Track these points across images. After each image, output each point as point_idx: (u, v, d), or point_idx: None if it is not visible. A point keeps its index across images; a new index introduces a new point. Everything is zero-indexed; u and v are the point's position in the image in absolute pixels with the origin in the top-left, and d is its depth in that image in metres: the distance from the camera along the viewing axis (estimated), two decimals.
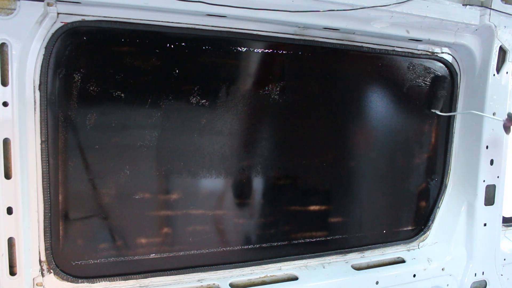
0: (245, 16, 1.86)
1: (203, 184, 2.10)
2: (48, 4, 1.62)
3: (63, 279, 1.86)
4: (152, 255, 2.04)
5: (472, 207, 2.54)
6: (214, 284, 2.12)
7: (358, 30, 2.12)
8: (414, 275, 2.49)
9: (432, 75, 2.48)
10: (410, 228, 2.67)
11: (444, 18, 2.12)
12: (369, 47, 2.27)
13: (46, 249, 1.81)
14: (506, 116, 2.26)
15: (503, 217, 2.70)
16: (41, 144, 1.73)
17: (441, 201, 2.67)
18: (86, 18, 1.72)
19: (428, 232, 2.68)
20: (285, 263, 2.32)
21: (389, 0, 1.95)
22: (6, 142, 1.64)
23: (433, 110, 2.47)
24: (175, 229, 2.10)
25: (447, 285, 2.58)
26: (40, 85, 1.69)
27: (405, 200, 2.65)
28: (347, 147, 2.44)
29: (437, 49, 2.44)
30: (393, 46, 2.33)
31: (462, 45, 2.35)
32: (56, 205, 1.81)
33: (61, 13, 1.67)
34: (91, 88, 1.79)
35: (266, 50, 2.09)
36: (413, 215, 2.67)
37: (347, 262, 2.45)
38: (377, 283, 2.38)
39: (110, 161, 1.90)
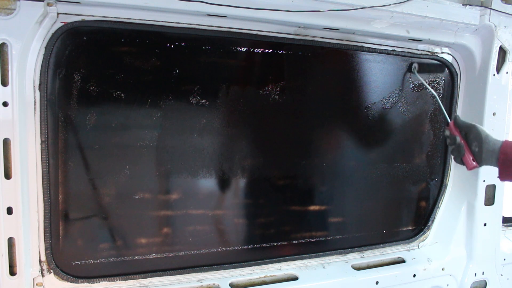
0: (245, 16, 1.86)
1: (203, 184, 2.10)
2: (48, 4, 1.61)
3: (63, 279, 1.86)
4: (152, 255, 2.04)
5: (472, 207, 2.54)
6: (214, 284, 2.12)
7: (358, 30, 2.11)
8: (414, 275, 2.48)
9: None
10: (410, 228, 2.67)
11: (444, 18, 2.12)
12: (369, 47, 2.27)
13: (46, 249, 1.81)
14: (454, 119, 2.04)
15: (503, 217, 2.69)
16: (41, 144, 1.73)
17: (441, 201, 2.67)
18: (86, 18, 1.72)
19: (428, 232, 2.68)
20: (285, 263, 2.32)
21: (389, 0, 1.95)
22: (6, 142, 1.64)
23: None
24: (175, 229, 2.10)
25: (447, 285, 2.58)
26: (40, 85, 1.69)
27: (405, 200, 2.65)
28: (347, 147, 2.44)
29: (437, 49, 2.44)
30: (393, 46, 2.33)
31: (462, 45, 2.35)
32: (56, 205, 1.81)
33: (61, 13, 1.66)
34: (91, 88, 1.79)
35: (266, 50, 2.09)
36: (413, 215, 2.67)
37: (347, 262, 2.45)
38: (377, 283, 2.38)
39: (110, 161, 1.90)
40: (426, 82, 2.43)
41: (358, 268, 2.44)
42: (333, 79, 2.30)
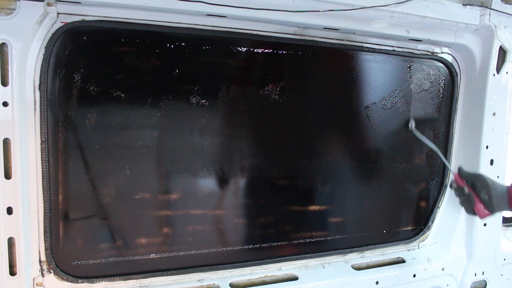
0: (245, 16, 1.86)
1: (203, 184, 2.10)
2: (48, 4, 1.61)
3: (63, 279, 1.86)
4: (152, 255, 2.04)
5: None
6: (214, 284, 2.12)
7: (358, 30, 2.11)
8: (414, 275, 2.49)
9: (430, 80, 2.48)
10: (410, 228, 2.67)
11: (444, 18, 2.12)
12: (369, 47, 2.27)
13: (46, 249, 1.81)
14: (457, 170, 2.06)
15: (503, 217, 2.69)
16: (41, 144, 1.73)
17: (441, 201, 2.67)
18: (86, 18, 1.72)
19: (428, 232, 2.68)
20: (285, 263, 2.32)
21: (389, 0, 1.95)
22: (6, 142, 1.64)
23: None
24: (175, 229, 2.11)
25: (447, 285, 2.58)
26: (40, 85, 1.69)
27: (405, 200, 2.65)
28: (347, 147, 2.44)
29: (437, 49, 2.44)
30: (393, 46, 2.33)
31: (462, 45, 2.35)
32: (56, 205, 1.81)
33: (61, 13, 1.66)
34: (91, 88, 1.79)
35: (266, 50, 2.10)
36: (413, 215, 2.67)
37: (347, 262, 2.45)
38: (377, 283, 2.38)
39: (110, 161, 1.90)
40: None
41: (358, 268, 2.44)
42: (333, 79, 2.30)
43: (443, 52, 2.45)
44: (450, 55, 2.46)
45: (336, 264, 2.42)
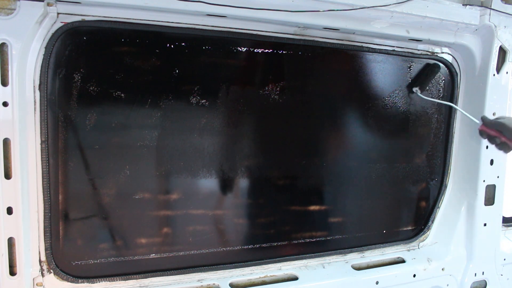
0: (245, 16, 1.86)
1: (203, 184, 2.10)
2: (48, 4, 1.61)
3: (63, 279, 1.86)
4: (152, 255, 2.04)
5: (472, 207, 2.54)
6: (214, 284, 2.13)
7: (358, 30, 2.12)
8: (414, 275, 2.49)
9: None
10: (410, 228, 2.67)
11: (444, 18, 2.12)
12: (369, 47, 2.27)
13: (46, 249, 1.81)
14: (481, 121, 2.12)
15: (503, 217, 2.69)
16: (41, 144, 1.73)
17: (441, 201, 2.67)
18: (86, 18, 1.72)
19: (428, 232, 2.68)
20: (285, 263, 2.32)
21: (389, 0, 1.95)
22: (6, 142, 1.64)
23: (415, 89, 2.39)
24: (175, 229, 2.11)
25: (447, 285, 2.58)
26: (40, 85, 1.69)
27: (405, 200, 2.65)
28: (347, 147, 2.44)
29: (437, 49, 2.44)
30: (393, 46, 2.33)
31: (462, 45, 2.35)
32: (56, 205, 1.81)
33: (61, 13, 1.67)
34: (91, 88, 1.79)
35: (266, 50, 2.10)
36: (413, 215, 2.67)
37: (347, 262, 2.45)
38: (377, 283, 2.38)
39: (110, 161, 1.90)
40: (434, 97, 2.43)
41: (358, 268, 2.44)
42: (333, 79, 2.30)
43: (443, 52, 2.45)
44: (450, 55, 2.46)
45: (336, 264, 2.42)
